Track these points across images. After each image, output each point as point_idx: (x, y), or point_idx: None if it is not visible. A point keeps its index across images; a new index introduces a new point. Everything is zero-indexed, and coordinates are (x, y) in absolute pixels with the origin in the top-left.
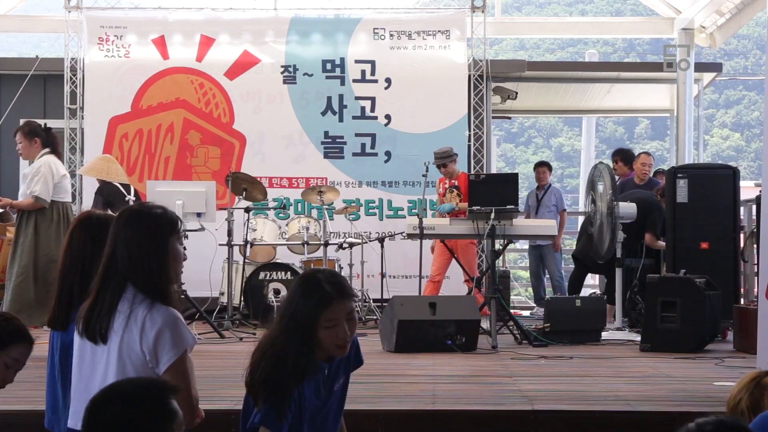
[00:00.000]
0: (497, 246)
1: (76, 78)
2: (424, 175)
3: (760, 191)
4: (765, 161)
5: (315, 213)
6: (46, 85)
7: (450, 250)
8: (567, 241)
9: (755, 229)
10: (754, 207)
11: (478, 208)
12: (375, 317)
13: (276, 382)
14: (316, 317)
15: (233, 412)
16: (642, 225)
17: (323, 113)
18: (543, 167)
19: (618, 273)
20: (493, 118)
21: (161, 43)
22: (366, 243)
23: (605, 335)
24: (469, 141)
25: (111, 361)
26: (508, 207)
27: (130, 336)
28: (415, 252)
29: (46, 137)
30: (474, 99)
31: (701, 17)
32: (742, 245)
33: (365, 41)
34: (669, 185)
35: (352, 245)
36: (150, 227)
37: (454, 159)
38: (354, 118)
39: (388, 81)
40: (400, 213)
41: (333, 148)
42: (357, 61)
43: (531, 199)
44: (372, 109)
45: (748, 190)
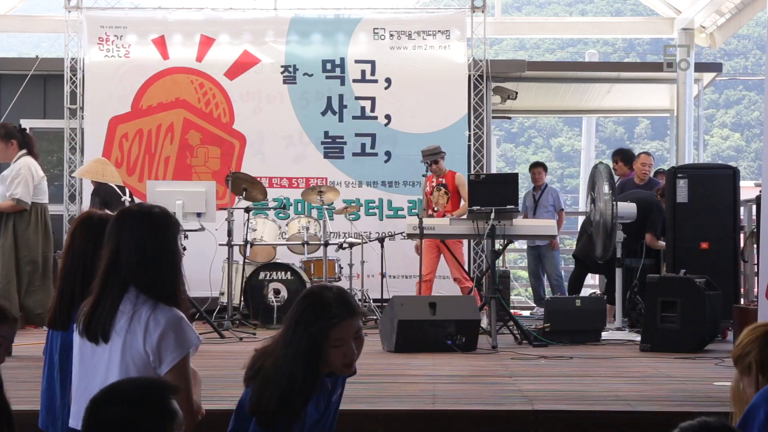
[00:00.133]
0: (497, 246)
1: (76, 78)
2: (423, 175)
3: (760, 191)
4: (765, 161)
5: (315, 213)
6: (46, 85)
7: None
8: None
9: (755, 229)
10: (754, 207)
11: (478, 208)
12: (375, 317)
13: (286, 402)
14: (323, 336)
15: (233, 412)
16: (642, 225)
17: (323, 113)
18: (538, 168)
19: (618, 273)
20: (493, 118)
21: (161, 43)
22: (366, 243)
23: (605, 335)
24: (469, 141)
25: (113, 362)
26: (508, 207)
27: (133, 337)
28: (415, 252)
29: (22, 139)
30: (474, 99)
31: (701, 17)
32: (742, 245)
33: (365, 41)
34: (669, 185)
35: (352, 245)
36: (159, 228)
37: (443, 156)
38: (354, 118)
39: (388, 81)
40: (400, 213)
41: (333, 148)
42: (357, 61)
43: (528, 200)
44: (372, 109)
45: (748, 190)
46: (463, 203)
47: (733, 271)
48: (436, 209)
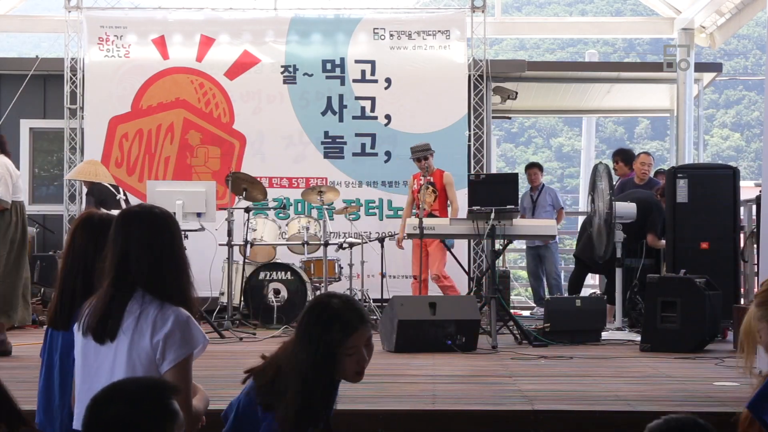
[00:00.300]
0: (497, 246)
1: (76, 78)
2: (423, 175)
3: (760, 191)
4: (765, 161)
5: (315, 213)
6: (46, 85)
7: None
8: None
9: (755, 229)
10: (754, 207)
11: (478, 208)
12: (375, 317)
13: (310, 413)
14: (338, 346)
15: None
16: (642, 225)
17: (323, 113)
18: (534, 168)
19: (618, 273)
20: (493, 118)
21: (161, 43)
22: (366, 243)
23: (605, 335)
24: (469, 141)
25: (119, 361)
26: (508, 207)
27: (140, 336)
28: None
29: None
30: (474, 99)
31: (701, 17)
32: (742, 245)
33: (365, 41)
34: (669, 185)
35: (352, 245)
36: (167, 228)
37: (431, 153)
38: (354, 118)
39: (388, 81)
40: (400, 213)
41: (333, 148)
42: (357, 61)
43: (526, 201)
44: (372, 109)
45: (748, 190)
46: (452, 203)
47: (733, 271)
48: (422, 207)
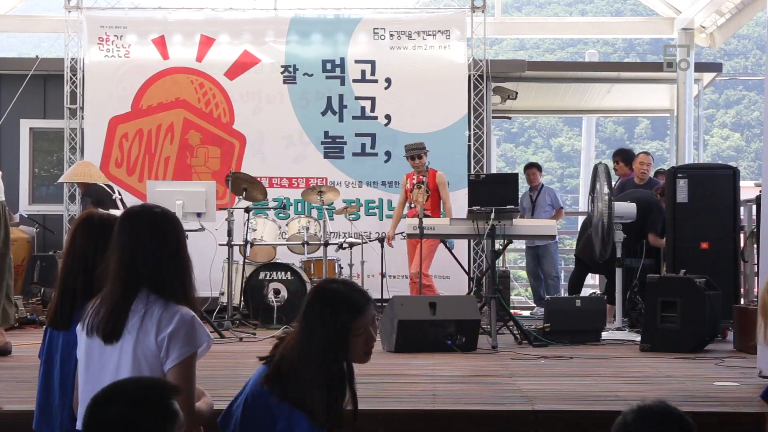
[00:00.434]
0: (497, 246)
1: (76, 78)
2: (423, 175)
3: (760, 191)
4: (765, 161)
5: (315, 213)
6: (46, 85)
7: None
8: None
9: (755, 229)
10: (754, 207)
11: (478, 208)
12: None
13: (332, 399)
14: (348, 328)
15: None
16: (642, 225)
17: (323, 113)
18: (533, 168)
19: (618, 273)
20: (493, 118)
21: (161, 43)
22: (366, 243)
23: (605, 335)
24: (469, 141)
25: (123, 360)
26: (508, 207)
27: (145, 334)
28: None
29: None
30: (474, 99)
31: (701, 17)
32: (742, 245)
33: (365, 41)
34: (669, 185)
35: (352, 245)
36: (172, 228)
37: (426, 152)
38: (354, 118)
39: (388, 81)
40: None
41: (333, 148)
42: (357, 61)
43: (525, 201)
44: (372, 109)
45: (748, 190)
46: (444, 203)
47: (733, 271)
48: (413, 206)
